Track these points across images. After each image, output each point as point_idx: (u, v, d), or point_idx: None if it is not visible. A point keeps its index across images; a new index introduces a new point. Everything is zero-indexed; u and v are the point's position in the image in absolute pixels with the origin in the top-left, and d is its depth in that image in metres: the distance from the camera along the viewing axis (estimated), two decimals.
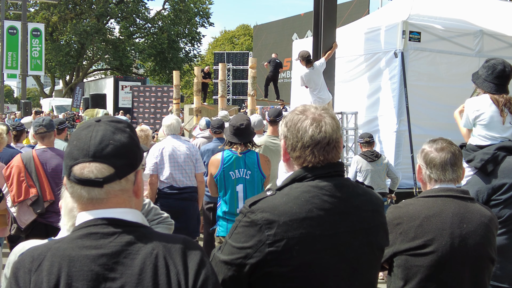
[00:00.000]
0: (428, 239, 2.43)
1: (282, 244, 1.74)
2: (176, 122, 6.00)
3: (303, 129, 1.86)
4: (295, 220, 1.76)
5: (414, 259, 2.45)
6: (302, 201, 1.79)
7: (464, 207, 2.50)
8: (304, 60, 8.57)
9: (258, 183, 4.87)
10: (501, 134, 3.60)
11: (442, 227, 2.43)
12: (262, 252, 1.75)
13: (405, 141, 8.09)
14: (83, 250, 1.47)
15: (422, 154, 2.63)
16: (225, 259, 1.82)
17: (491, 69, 3.67)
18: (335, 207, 1.82)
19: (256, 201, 1.83)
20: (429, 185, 2.62)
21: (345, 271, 1.83)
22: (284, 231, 1.75)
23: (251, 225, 1.78)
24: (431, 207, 2.50)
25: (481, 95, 3.74)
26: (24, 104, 26.62)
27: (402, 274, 2.49)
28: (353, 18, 16.11)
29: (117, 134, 1.55)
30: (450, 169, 2.54)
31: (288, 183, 1.88)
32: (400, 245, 2.48)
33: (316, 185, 1.83)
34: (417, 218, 2.47)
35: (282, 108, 17.77)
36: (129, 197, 1.57)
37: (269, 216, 1.76)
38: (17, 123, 6.70)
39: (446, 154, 2.55)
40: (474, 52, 8.44)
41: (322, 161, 1.85)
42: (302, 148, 1.86)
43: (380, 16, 10.30)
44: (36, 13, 43.14)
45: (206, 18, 47.78)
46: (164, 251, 1.49)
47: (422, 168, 2.63)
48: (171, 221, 3.24)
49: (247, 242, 1.77)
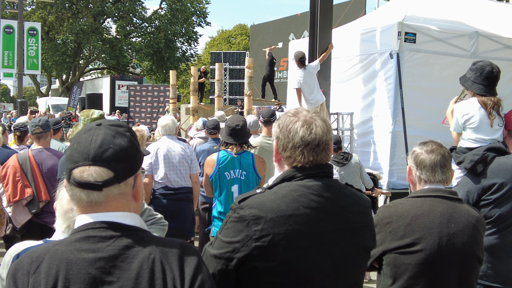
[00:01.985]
0: (417, 238, 2.48)
1: (268, 240, 1.80)
2: (171, 122, 6.01)
3: (294, 130, 1.93)
4: (281, 217, 1.82)
5: (402, 257, 2.51)
6: (290, 199, 1.85)
7: (452, 207, 2.55)
8: (297, 60, 8.58)
9: (253, 183, 4.88)
10: (490, 136, 3.64)
11: (430, 226, 2.49)
12: (249, 247, 1.81)
13: (400, 142, 8.11)
14: (81, 253, 1.48)
15: (413, 156, 2.70)
16: (215, 253, 1.88)
17: (479, 71, 3.70)
18: (322, 206, 1.87)
19: (245, 198, 1.89)
20: (418, 186, 2.68)
21: (330, 269, 1.88)
22: (271, 227, 1.81)
23: (239, 220, 1.84)
24: (420, 206, 2.55)
25: (469, 99, 3.78)
26: (20, 103, 26.55)
27: (391, 272, 2.55)
28: (350, 19, 16.13)
29: (117, 138, 1.56)
30: (440, 170, 2.61)
31: (278, 182, 1.94)
32: (389, 243, 2.54)
33: (304, 185, 1.89)
34: (406, 217, 2.53)
35: (278, 108, 17.80)
36: (128, 201, 1.59)
37: (256, 212, 1.83)
38: (21, 124, 6.64)
39: (436, 156, 2.61)
40: (469, 53, 8.46)
41: (311, 161, 1.91)
42: (292, 149, 1.92)
43: (376, 17, 10.31)
44: (33, 12, 43.04)
45: (203, 18, 47.81)
46: (161, 255, 1.51)
47: (412, 169, 2.70)
48: (164, 222, 3.26)
49: (235, 236, 1.83)
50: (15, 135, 6.69)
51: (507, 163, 3.45)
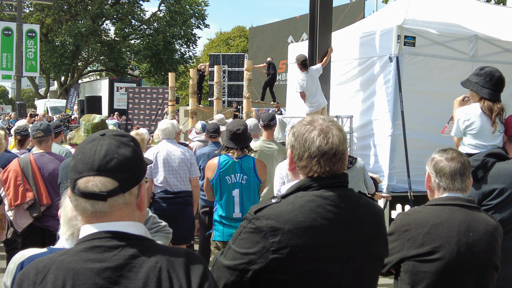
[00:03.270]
0: (436, 246, 2.50)
1: (286, 252, 1.77)
2: (171, 126, 6.01)
3: (310, 139, 1.89)
4: (299, 229, 1.79)
5: (421, 265, 2.53)
6: (307, 210, 1.82)
7: (470, 216, 2.57)
8: (299, 64, 8.62)
9: (254, 188, 4.90)
10: (490, 142, 3.67)
11: (449, 235, 2.51)
12: (266, 259, 1.77)
13: (399, 145, 8.11)
14: (87, 263, 1.48)
15: (432, 163, 2.70)
16: (228, 264, 1.84)
17: (489, 76, 3.72)
18: (339, 217, 1.85)
19: (261, 208, 1.85)
20: (437, 193, 2.69)
21: (347, 281, 1.86)
22: (289, 238, 1.78)
23: (255, 231, 1.81)
24: (439, 215, 2.57)
25: (471, 104, 3.79)
26: (19, 105, 26.53)
27: (409, 279, 2.57)
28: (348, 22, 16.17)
29: (121, 148, 1.57)
30: (459, 178, 2.62)
31: (293, 191, 1.90)
32: (407, 251, 2.55)
33: (321, 195, 1.86)
34: (425, 226, 2.55)
35: (277, 111, 17.80)
36: (133, 210, 1.59)
37: (274, 223, 1.79)
38: (22, 128, 6.62)
39: (456, 164, 2.63)
40: (468, 57, 8.46)
41: (327, 171, 1.88)
42: (308, 158, 1.89)
43: (375, 21, 10.33)
44: (31, 14, 43.00)
45: (201, 20, 47.81)
46: (168, 264, 1.51)
47: (431, 176, 2.71)
48: (169, 230, 3.26)
49: (251, 248, 1.80)
50: (16, 139, 6.67)
51: (507, 168, 3.47)
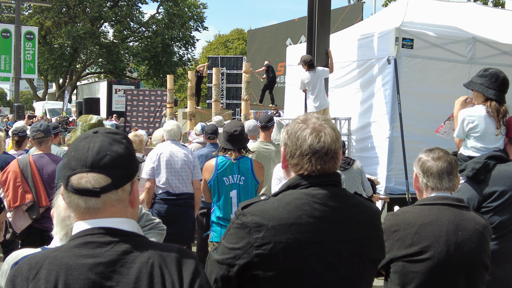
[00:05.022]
0: (425, 246, 2.49)
1: (269, 248, 1.79)
2: (177, 128, 5.98)
3: (302, 137, 1.89)
4: (283, 225, 1.80)
5: (410, 265, 2.51)
6: (292, 207, 1.83)
7: (459, 215, 2.56)
8: (306, 64, 8.71)
9: (252, 189, 4.90)
10: (492, 145, 3.68)
11: (438, 234, 2.49)
12: (250, 254, 1.80)
13: (397, 147, 8.13)
14: (80, 259, 1.49)
15: (419, 163, 2.69)
16: (218, 259, 1.88)
17: (494, 77, 3.72)
18: (326, 215, 1.85)
19: (248, 205, 1.88)
20: (425, 193, 2.68)
21: (334, 280, 1.85)
22: (272, 235, 1.79)
23: (241, 227, 1.84)
24: (428, 214, 2.56)
25: (475, 106, 3.80)
26: (17, 107, 26.53)
27: (399, 280, 2.56)
28: (347, 24, 16.19)
29: (114, 145, 1.58)
30: (447, 177, 2.61)
31: (283, 189, 1.92)
32: (397, 251, 2.54)
33: (309, 193, 1.86)
34: (414, 226, 2.53)
35: (275, 113, 17.80)
36: (125, 207, 1.61)
37: (258, 219, 1.82)
38: (19, 129, 6.62)
39: (443, 163, 2.62)
40: (466, 59, 8.49)
41: (318, 170, 1.88)
42: (300, 156, 1.89)
43: (373, 23, 10.35)
44: (30, 16, 42.99)
45: (200, 22, 47.84)
46: (160, 260, 1.53)
47: (419, 177, 2.70)
48: (163, 227, 3.25)
49: (237, 243, 1.83)
50: (14, 140, 6.66)
51: (507, 170, 3.48)
